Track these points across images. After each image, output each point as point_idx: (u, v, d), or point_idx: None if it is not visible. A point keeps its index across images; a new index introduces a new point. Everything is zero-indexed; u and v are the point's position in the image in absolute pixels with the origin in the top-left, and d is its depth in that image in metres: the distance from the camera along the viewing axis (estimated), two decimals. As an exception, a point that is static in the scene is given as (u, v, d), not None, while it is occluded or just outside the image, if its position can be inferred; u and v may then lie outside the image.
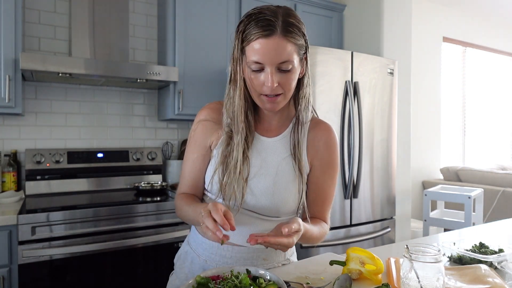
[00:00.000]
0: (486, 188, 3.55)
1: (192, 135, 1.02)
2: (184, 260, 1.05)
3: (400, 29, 2.80)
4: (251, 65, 0.86)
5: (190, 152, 1.02)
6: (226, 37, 2.44)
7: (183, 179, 1.04)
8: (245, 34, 0.87)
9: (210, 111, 1.01)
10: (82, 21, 2.16)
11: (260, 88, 0.88)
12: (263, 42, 0.84)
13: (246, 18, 0.88)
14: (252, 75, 0.88)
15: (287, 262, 1.06)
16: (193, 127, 1.02)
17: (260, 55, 0.84)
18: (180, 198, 1.01)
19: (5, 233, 1.61)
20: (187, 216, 0.97)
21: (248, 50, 0.86)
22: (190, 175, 1.02)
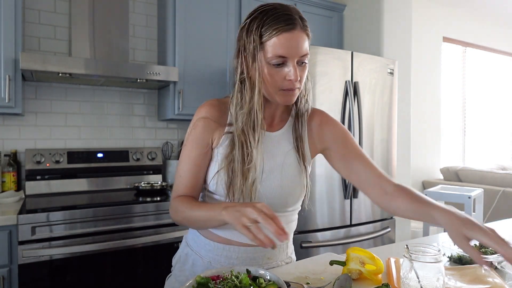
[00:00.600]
0: (486, 188, 3.55)
1: (192, 133, 0.97)
2: (184, 262, 1.03)
3: (400, 29, 2.80)
4: (272, 60, 0.86)
5: (189, 150, 0.97)
6: (226, 37, 2.44)
7: (180, 179, 0.97)
8: (264, 30, 0.86)
9: (210, 108, 0.97)
10: (82, 21, 2.16)
11: (281, 83, 0.88)
12: (287, 36, 0.85)
13: (260, 15, 0.87)
14: (273, 71, 0.87)
15: (289, 260, 1.07)
16: (193, 124, 0.98)
17: (284, 49, 0.85)
18: (180, 200, 0.94)
19: (5, 233, 1.61)
20: (194, 218, 0.90)
21: (269, 45, 0.86)
22: (190, 173, 0.96)
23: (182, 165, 0.97)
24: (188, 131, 0.98)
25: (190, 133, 0.97)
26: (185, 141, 0.98)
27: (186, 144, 0.97)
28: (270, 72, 0.88)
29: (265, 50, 0.86)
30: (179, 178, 0.97)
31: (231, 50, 2.45)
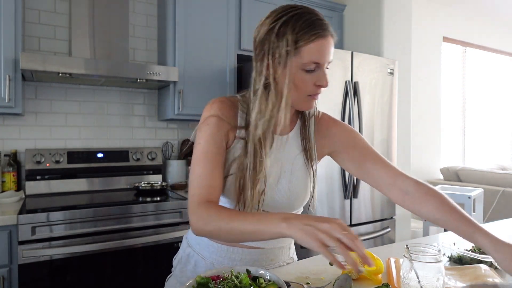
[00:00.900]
0: (486, 188, 3.55)
1: (205, 129, 0.89)
2: (185, 263, 1.02)
3: (400, 29, 2.80)
4: (306, 66, 0.84)
5: (205, 146, 0.88)
6: (226, 37, 2.44)
7: (200, 180, 0.86)
8: (300, 35, 0.83)
9: (222, 106, 0.91)
10: (82, 21, 2.16)
11: (311, 88, 0.88)
12: (323, 42, 0.84)
13: (292, 19, 0.84)
14: (305, 76, 0.86)
15: (291, 260, 1.07)
16: (204, 121, 0.90)
17: (320, 55, 0.84)
18: (211, 207, 0.82)
19: (5, 233, 1.61)
20: (235, 230, 0.77)
21: (305, 51, 0.83)
22: (210, 172, 0.86)
23: (199, 164, 0.87)
24: (200, 128, 0.91)
25: (203, 130, 0.89)
26: (197, 140, 0.90)
27: (200, 142, 0.89)
28: (303, 78, 0.86)
29: (300, 55, 0.83)
30: (197, 179, 0.86)
31: (231, 50, 2.45)
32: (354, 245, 0.66)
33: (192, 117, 2.36)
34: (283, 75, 0.85)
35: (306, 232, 0.68)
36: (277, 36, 0.84)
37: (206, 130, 0.89)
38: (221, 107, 0.91)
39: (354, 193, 2.35)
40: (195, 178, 0.87)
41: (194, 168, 0.88)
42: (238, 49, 2.50)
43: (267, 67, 0.86)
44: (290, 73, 0.85)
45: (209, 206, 0.82)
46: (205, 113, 0.92)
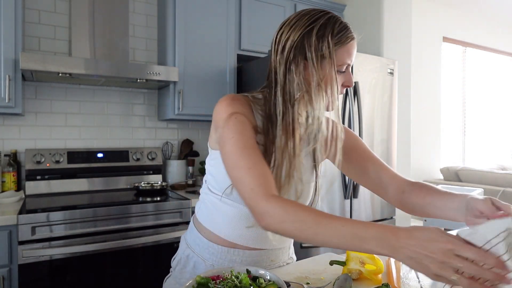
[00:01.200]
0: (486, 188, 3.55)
1: (235, 124, 0.83)
2: (185, 264, 1.01)
3: (400, 29, 2.80)
4: (341, 67, 0.88)
5: (244, 138, 0.82)
6: (226, 37, 2.44)
7: (253, 171, 0.78)
8: (339, 37, 0.86)
9: (242, 104, 0.88)
10: (82, 21, 2.16)
11: (339, 89, 0.90)
12: (354, 45, 0.90)
13: (329, 22, 0.86)
14: (339, 77, 0.89)
15: (291, 260, 1.07)
16: (233, 117, 0.84)
17: (351, 57, 0.89)
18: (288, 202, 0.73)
19: (5, 233, 1.61)
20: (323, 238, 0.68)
21: (341, 53, 0.87)
22: (262, 162, 0.80)
23: (241, 158, 0.80)
24: (227, 125, 0.84)
25: (231, 126, 0.83)
26: (226, 136, 0.83)
27: (233, 136, 0.82)
28: (336, 79, 0.88)
29: (337, 56, 0.86)
30: (248, 172, 0.78)
31: (231, 50, 2.45)
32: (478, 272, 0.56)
33: (192, 117, 2.36)
34: (326, 77, 0.86)
35: (417, 264, 0.60)
36: (317, 38, 0.85)
37: (235, 125, 0.83)
38: (242, 104, 0.88)
39: (354, 193, 2.35)
40: (244, 173, 0.78)
41: (236, 163, 0.80)
42: (238, 49, 2.50)
43: (312, 71, 0.85)
44: (333, 73, 0.86)
45: (282, 201, 0.74)
46: (225, 111, 0.86)
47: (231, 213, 0.93)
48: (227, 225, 0.94)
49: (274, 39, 0.91)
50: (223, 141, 0.84)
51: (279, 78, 0.88)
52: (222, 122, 0.85)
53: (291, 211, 0.71)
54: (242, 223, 0.93)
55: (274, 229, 0.73)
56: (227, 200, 0.93)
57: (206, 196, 0.99)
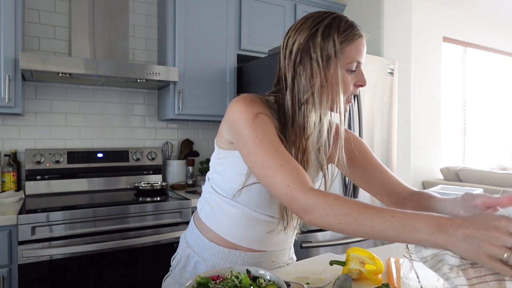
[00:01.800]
0: (486, 188, 3.54)
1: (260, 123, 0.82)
2: (185, 264, 1.00)
3: (400, 29, 2.80)
4: (350, 66, 0.86)
5: (270, 136, 0.81)
6: (226, 37, 2.44)
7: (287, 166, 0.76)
8: (345, 35, 0.85)
9: (260, 105, 0.86)
10: (82, 21, 2.16)
11: (351, 89, 0.89)
12: (362, 42, 0.87)
13: (334, 21, 0.86)
14: (348, 77, 0.87)
15: (291, 260, 1.07)
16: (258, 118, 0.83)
17: (361, 54, 0.87)
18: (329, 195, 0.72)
19: (5, 233, 1.61)
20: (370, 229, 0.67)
21: (349, 51, 0.85)
22: (290, 157, 0.80)
23: (270, 155, 0.78)
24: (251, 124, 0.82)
25: (257, 125, 0.82)
26: (252, 134, 0.81)
27: (258, 135, 0.80)
28: (347, 78, 0.87)
29: (344, 55, 0.85)
30: (280, 168, 0.76)
31: (231, 50, 2.45)
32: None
33: (192, 117, 2.36)
34: (333, 77, 0.85)
35: (470, 247, 0.57)
36: (323, 38, 0.84)
37: (259, 124, 0.82)
38: (262, 106, 0.86)
39: (354, 193, 2.35)
40: (276, 170, 0.76)
41: (265, 162, 0.78)
42: (238, 49, 2.50)
43: (318, 72, 0.85)
44: (340, 74, 0.85)
45: (322, 194, 0.72)
46: (248, 111, 0.83)
47: (236, 214, 0.93)
48: (231, 227, 0.94)
49: (282, 44, 0.91)
50: (244, 141, 0.81)
51: (288, 82, 0.88)
52: (244, 122, 0.82)
53: (334, 204, 0.70)
54: (246, 225, 0.93)
55: (318, 223, 0.72)
56: (233, 202, 0.92)
57: (210, 196, 0.98)
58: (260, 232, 0.94)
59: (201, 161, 2.62)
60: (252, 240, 0.94)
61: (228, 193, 0.92)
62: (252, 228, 0.93)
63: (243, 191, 0.89)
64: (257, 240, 0.95)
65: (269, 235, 0.95)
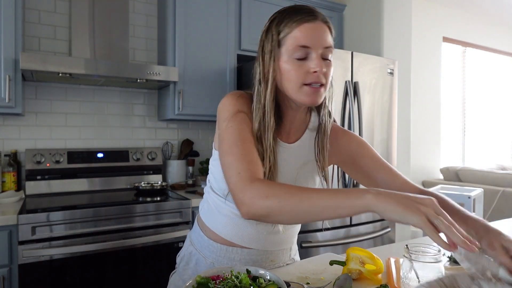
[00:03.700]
0: (486, 188, 3.55)
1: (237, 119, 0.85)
2: (188, 261, 1.03)
3: (400, 29, 2.80)
4: (294, 53, 0.82)
5: (242, 130, 0.83)
6: (226, 37, 2.44)
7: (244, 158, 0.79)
8: (283, 25, 0.84)
9: (247, 104, 0.89)
10: (82, 21, 2.16)
11: (304, 77, 0.83)
12: (309, 26, 0.83)
13: (279, 14, 0.87)
14: (295, 65, 0.83)
15: (292, 261, 1.06)
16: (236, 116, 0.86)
17: (307, 39, 0.82)
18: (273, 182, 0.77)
19: (5, 233, 1.61)
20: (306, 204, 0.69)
21: (289, 39, 0.83)
22: (253, 151, 0.82)
23: (234, 144, 0.81)
24: (229, 119, 0.86)
25: (233, 121, 0.85)
26: (226, 123, 0.85)
27: (232, 125, 0.84)
28: (293, 67, 0.83)
29: (286, 44, 0.83)
30: (238, 158, 0.79)
31: (231, 50, 2.45)
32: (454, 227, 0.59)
33: (192, 117, 2.36)
34: (273, 68, 0.86)
35: (406, 206, 0.61)
36: (266, 33, 0.87)
37: (237, 121, 0.85)
38: (248, 105, 0.89)
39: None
40: (235, 159, 0.79)
41: (228, 150, 0.81)
42: (238, 49, 2.50)
43: (260, 64, 0.88)
44: (279, 64, 0.85)
45: (267, 181, 0.75)
46: (232, 105, 0.87)
47: (229, 213, 0.95)
48: (225, 225, 0.96)
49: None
50: (222, 135, 0.85)
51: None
52: (226, 114, 0.86)
53: (275, 186, 0.73)
54: (239, 224, 0.95)
55: (259, 207, 0.72)
56: (226, 201, 0.94)
57: (209, 195, 1.01)
58: (253, 231, 0.95)
59: (201, 161, 2.62)
60: (247, 239, 0.95)
61: (221, 193, 0.95)
62: (245, 227, 0.95)
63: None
64: (252, 239, 0.96)
65: (264, 234, 0.96)
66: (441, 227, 0.58)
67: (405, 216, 0.60)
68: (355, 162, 1.01)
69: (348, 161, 1.03)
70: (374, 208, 0.63)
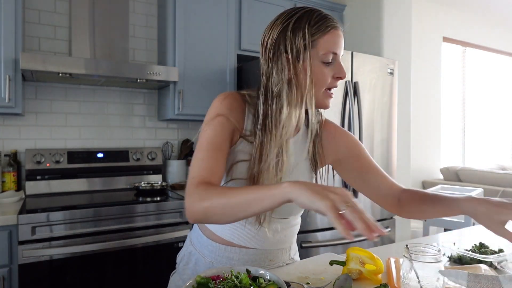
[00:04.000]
0: (486, 188, 3.55)
1: (213, 123, 0.88)
2: (187, 261, 1.03)
3: (400, 29, 2.80)
4: (325, 58, 0.85)
5: (211, 134, 0.87)
6: (226, 37, 2.44)
7: (201, 162, 0.83)
8: (316, 27, 0.84)
9: (233, 105, 0.91)
10: (82, 21, 2.16)
11: (329, 82, 0.88)
12: (337, 33, 0.87)
13: (306, 14, 0.86)
14: (324, 69, 0.86)
15: (291, 261, 1.06)
16: (215, 119, 0.89)
17: (336, 46, 0.86)
18: (208, 186, 0.79)
19: (5, 233, 1.61)
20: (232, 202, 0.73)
21: (322, 42, 0.85)
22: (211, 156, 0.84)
23: (201, 150, 0.86)
24: (207, 123, 0.89)
25: (210, 124, 0.88)
26: (203, 130, 0.89)
27: (206, 130, 0.88)
28: (322, 71, 0.86)
29: (317, 47, 0.85)
30: (198, 161, 0.84)
31: (231, 50, 2.45)
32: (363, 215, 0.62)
33: (192, 117, 2.36)
34: (303, 70, 0.85)
35: (316, 192, 0.64)
36: (293, 32, 0.85)
37: (212, 124, 0.88)
38: (231, 106, 0.90)
39: (354, 193, 2.35)
40: (196, 162, 0.84)
41: (196, 154, 0.86)
42: (238, 49, 2.50)
43: (287, 63, 0.86)
44: (310, 67, 0.85)
45: (208, 186, 0.78)
46: (215, 108, 0.91)
47: None
48: (224, 224, 0.95)
49: (260, 43, 0.92)
50: (198, 138, 0.89)
51: (263, 78, 0.90)
52: (207, 117, 0.90)
53: (210, 189, 0.77)
54: (239, 223, 0.94)
55: (196, 211, 0.76)
56: None
57: None
58: (251, 230, 0.95)
59: (201, 161, 2.62)
60: (245, 238, 0.95)
61: None
62: (243, 226, 0.95)
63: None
64: (250, 239, 0.96)
65: (262, 234, 0.95)
66: (346, 214, 0.61)
67: (314, 202, 0.63)
68: (350, 162, 1.03)
69: (343, 160, 1.04)
70: (290, 195, 0.67)
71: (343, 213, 0.61)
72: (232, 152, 0.91)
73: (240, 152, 0.91)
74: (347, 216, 0.61)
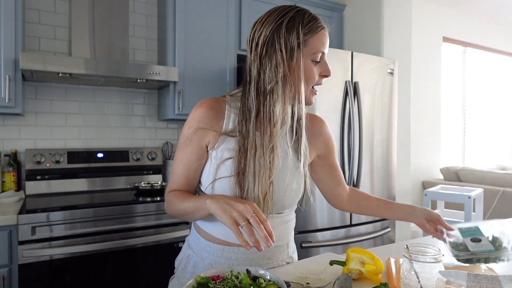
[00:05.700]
0: (486, 188, 3.55)
1: (185, 134, 0.94)
2: (186, 264, 1.03)
3: (400, 29, 2.80)
4: (315, 57, 0.91)
5: (182, 151, 0.95)
6: (226, 37, 2.44)
7: (174, 177, 0.97)
8: (308, 27, 0.89)
9: (206, 114, 0.93)
10: (82, 21, 2.16)
11: (317, 79, 0.94)
12: (325, 34, 0.93)
13: (298, 14, 0.90)
14: (314, 67, 0.92)
15: (290, 260, 1.06)
16: (189, 124, 0.94)
17: (325, 45, 0.93)
18: (173, 194, 0.95)
19: (5, 233, 1.61)
20: (183, 209, 0.91)
21: (313, 42, 0.90)
22: (182, 173, 0.95)
23: (175, 164, 0.97)
24: (183, 131, 0.96)
25: (184, 134, 0.95)
26: (179, 140, 0.97)
27: (181, 146, 0.96)
28: (312, 69, 0.91)
29: (308, 46, 0.90)
30: (173, 175, 0.98)
31: (231, 50, 2.45)
32: (258, 228, 0.74)
33: (192, 117, 2.35)
34: (296, 68, 0.89)
35: (223, 210, 0.78)
36: (287, 30, 0.88)
37: (185, 136, 0.95)
38: (203, 115, 0.93)
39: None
40: (171, 175, 0.99)
41: (173, 166, 0.99)
42: (238, 49, 2.50)
43: (282, 60, 0.88)
44: (304, 64, 0.90)
45: (173, 193, 0.96)
46: (191, 116, 0.95)
47: None
48: (218, 224, 0.96)
49: (249, 38, 0.94)
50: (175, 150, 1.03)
51: (253, 74, 0.91)
52: (183, 131, 0.97)
53: (172, 198, 0.95)
54: None
55: (169, 213, 0.98)
56: None
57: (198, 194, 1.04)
58: None
59: (201, 161, 2.62)
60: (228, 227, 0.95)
61: (208, 192, 0.96)
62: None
63: (215, 189, 0.93)
64: None
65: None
66: (243, 230, 0.75)
67: (221, 218, 0.78)
68: (327, 157, 1.12)
69: (323, 155, 1.11)
70: (209, 210, 0.82)
71: (243, 229, 0.75)
72: (217, 153, 0.93)
73: (226, 150, 0.92)
74: (244, 231, 0.74)
